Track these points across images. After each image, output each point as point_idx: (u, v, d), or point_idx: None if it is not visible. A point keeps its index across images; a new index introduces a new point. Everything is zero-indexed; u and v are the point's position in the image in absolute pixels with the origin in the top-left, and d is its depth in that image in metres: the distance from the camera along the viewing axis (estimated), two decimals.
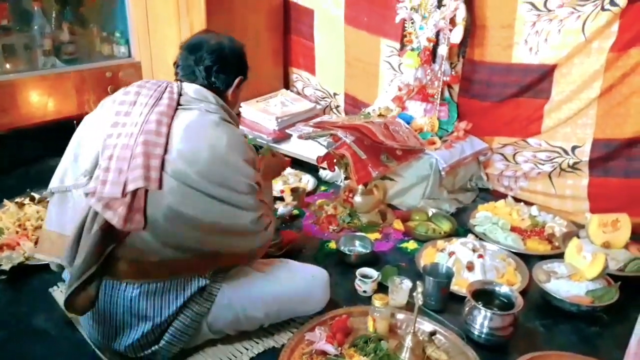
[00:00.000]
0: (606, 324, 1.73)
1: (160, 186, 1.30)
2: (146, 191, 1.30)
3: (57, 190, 1.48)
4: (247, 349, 1.54)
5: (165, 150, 1.32)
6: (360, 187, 2.28)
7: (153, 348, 1.42)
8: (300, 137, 2.26)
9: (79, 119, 2.73)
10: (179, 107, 1.41)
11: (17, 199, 2.32)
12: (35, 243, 1.96)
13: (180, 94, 1.44)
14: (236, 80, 1.54)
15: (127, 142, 1.33)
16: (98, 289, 1.37)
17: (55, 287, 1.80)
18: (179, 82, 1.49)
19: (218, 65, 1.48)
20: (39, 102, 2.87)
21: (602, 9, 2.16)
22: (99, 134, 1.40)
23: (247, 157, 1.42)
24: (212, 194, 1.35)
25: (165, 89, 1.44)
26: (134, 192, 1.29)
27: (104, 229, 1.30)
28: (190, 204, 1.33)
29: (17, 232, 2.05)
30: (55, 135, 2.87)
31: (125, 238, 1.33)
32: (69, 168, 1.46)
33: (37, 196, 2.35)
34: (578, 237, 2.06)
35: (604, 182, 2.38)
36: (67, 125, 2.76)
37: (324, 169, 2.70)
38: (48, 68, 2.92)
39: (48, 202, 2.27)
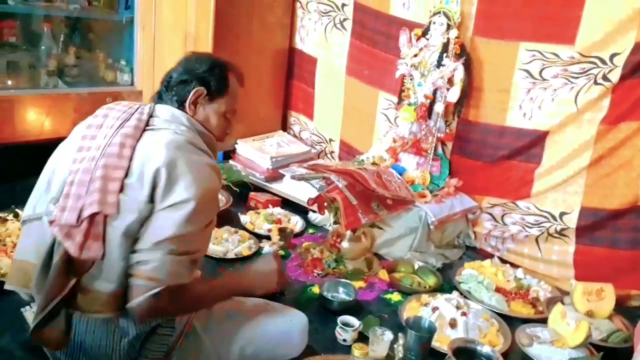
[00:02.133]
0: None
1: (117, 211, 1.21)
2: (106, 217, 1.22)
3: (27, 218, 1.37)
4: None
5: (127, 174, 1.24)
6: (349, 232, 2.27)
7: None
8: (293, 177, 2.27)
9: None
10: (147, 128, 1.32)
11: (0, 214, 2.27)
12: None
13: (151, 116, 1.35)
14: (193, 92, 1.36)
15: (88, 166, 1.26)
16: (70, 323, 1.29)
17: (27, 307, 1.73)
18: (150, 104, 1.40)
19: (177, 73, 1.39)
20: (36, 120, 2.87)
21: (595, 82, 2.26)
22: (67, 159, 1.33)
23: (200, 197, 1.23)
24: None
25: (136, 110, 1.35)
26: (92, 219, 1.21)
27: (65, 259, 1.23)
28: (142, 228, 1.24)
29: None
30: (49, 154, 2.88)
31: (91, 268, 1.24)
32: (42, 195, 1.37)
33: (21, 213, 2.31)
34: (562, 303, 2.05)
35: (590, 250, 2.40)
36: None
37: (314, 211, 2.70)
38: (50, 88, 2.94)
39: None
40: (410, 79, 2.69)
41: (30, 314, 1.69)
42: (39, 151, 2.80)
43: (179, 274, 1.25)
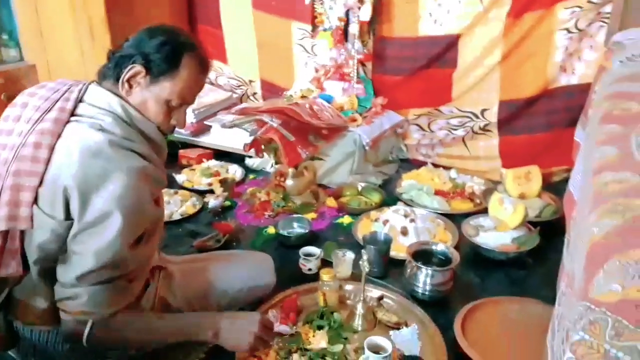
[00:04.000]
0: (532, 267, 1.89)
1: (32, 224, 1.07)
2: (22, 232, 1.09)
3: None
4: (201, 344, 1.50)
5: (42, 181, 1.06)
6: (291, 170, 2.28)
7: None
8: (223, 126, 2.21)
9: None
10: (72, 118, 1.12)
11: None
12: None
13: (80, 101, 1.16)
14: (127, 68, 1.13)
15: (0, 171, 1.09)
16: (11, 329, 1.23)
17: None
18: (84, 84, 1.19)
19: (126, 46, 1.17)
20: None
21: None
22: None
23: (122, 209, 1.05)
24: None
25: (61, 96, 1.15)
26: (5, 235, 1.07)
27: None
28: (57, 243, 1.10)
29: None
30: None
31: (21, 281, 1.16)
32: None
33: None
34: (497, 192, 2.22)
35: (512, 139, 2.59)
36: None
37: (250, 156, 2.68)
38: None
39: None
40: (321, 4, 2.65)
41: None
42: None
43: (113, 302, 1.14)
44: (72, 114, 1.13)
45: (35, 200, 1.07)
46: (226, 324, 1.24)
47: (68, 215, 1.07)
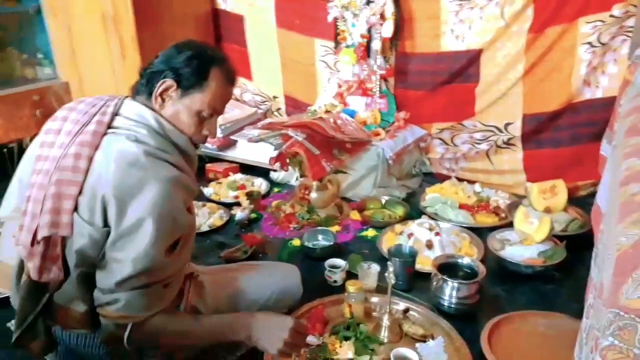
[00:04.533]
0: (559, 281, 1.88)
1: (72, 232, 1.12)
2: (63, 237, 1.14)
3: (1, 219, 1.32)
4: (229, 353, 1.53)
5: (81, 190, 1.12)
6: (315, 183, 2.32)
7: None
8: (250, 140, 2.27)
9: (7, 146, 2.61)
10: (109, 130, 1.18)
11: None
12: None
13: (116, 114, 1.21)
14: (159, 83, 1.19)
15: (42, 181, 1.15)
16: (50, 334, 1.28)
17: (13, 321, 1.70)
18: (119, 99, 1.25)
19: (157, 62, 1.23)
20: None
21: None
22: (29, 168, 1.23)
23: (157, 216, 1.10)
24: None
25: (99, 111, 1.21)
26: (47, 241, 1.13)
27: (32, 278, 1.18)
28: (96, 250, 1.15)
29: None
30: None
31: (63, 284, 1.20)
32: (12, 195, 1.31)
33: None
34: (523, 205, 2.22)
35: (536, 153, 2.58)
36: None
37: (275, 170, 2.73)
38: None
39: None
40: (343, 21, 2.70)
41: None
42: None
43: (149, 306, 1.18)
44: (109, 126, 1.19)
45: (75, 209, 1.12)
46: (259, 325, 1.27)
47: (106, 223, 1.12)
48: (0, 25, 3.04)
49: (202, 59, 1.22)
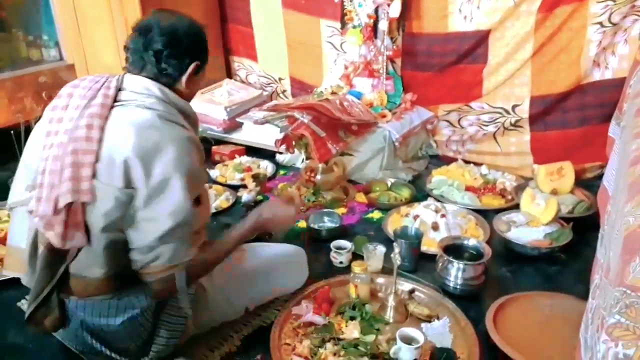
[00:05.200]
0: (564, 262, 1.88)
1: (93, 197, 1.18)
2: (84, 204, 1.20)
3: (13, 204, 1.36)
4: (236, 332, 1.55)
5: (98, 157, 1.19)
6: (321, 165, 2.32)
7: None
8: (256, 122, 2.26)
9: (15, 128, 2.61)
10: (116, 104, 1.26)
11: None
12: None
13: (120, 89, 1.28)
14: (191, 66, 1.34)
15: (57, 152, 1.21)
16: (64, 308, 1.31)
17: (23, 300, 1.73)
18: (119, 75, 1.32)
19: (169, 48, 1.29)
20: None
21: None
22: (38, 145, 1.29)
23: (181, 172, 1.21)
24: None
25: (102, 85, 1.28)
26: (69, 208, 1.18)
27: (49, 248, 1.23)
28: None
29: None
30: None
31: (79, 253, 1.25)
32: (21, 182, 1.34)
33: None
34: (529, 187, 2.21)
35: (544, 135, 2.55)
36: (3, 137, 2.62)
37: (281, 153, 2.73)
38: None
39: None
40: (350, 1, 2.67)
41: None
42: None
43: (190, 250, 1.30)
44: (115, 100, 1.26)
45: (94, 175, 1.19)
46: (272, 215, 1.53)
47: (128, 184, 1.19)
48: (6, 7, 3.03)
49: (202, 34, 1.39)
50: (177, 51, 1.31)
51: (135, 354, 1.38)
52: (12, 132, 2.60)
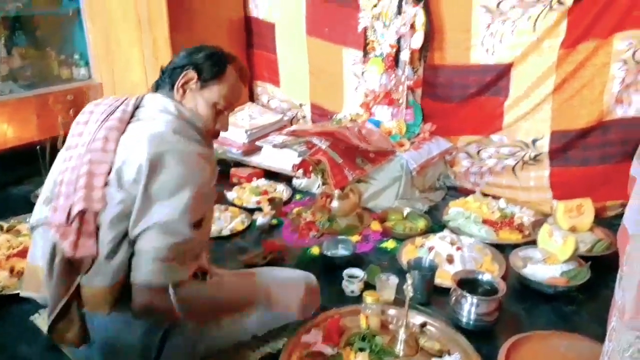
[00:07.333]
0: (581, 302, 1.83)
1: (105, 206, 1.22)
2: (96, 214, 1.23)
3: (35, 224, 1.37)
4: (243, 359, 1.54)
5: (111, 168, 1.23)
6: (337, 191, 2.32)
7: None
8: (275, 146, 2.28)
9: (42, 144, 2.69)
10: (132, 120, 1.31)
11: None
12: (10, 273, 1.91)
13: (138, 107, 1.35)
14: (182, 74, 1.34)
15: (75, 164, 1.26)
16: (83, 320, 1.31)
17: (36, 315, 1.75)
18: (140, 95, 1.39)
19: (178, 59, 1.37)
20: None
21: (551, 8, 2.32)
22: (59, 160, 1.35)
23: (190, 186, 1.22)
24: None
25: (122, 103, 1.35)
26: (82, 217, 1.21)
27: (65, 259, 1.24)
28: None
29: None
30: (17, 162, 2.80)
31: (92, 266, 1.26)
32: (43, 199, 1.37)
33: (5, 225, 2.26)
34: (547, 223, 2.17)
35: (564, 171, 2.52)
36: (29, 152, 2.69)
37: (298, 177, 2.74)
38: (6, 94, 2.84)
39: (18, 231, 2.22)
40: (373, 31, 2.71)
41: (41, 320, 1.71)
42: (8, 160, 2.76)
43: (180, 274, 1.28)
44: (133, 116, 1.32)
45: (106, 184, 1.23)
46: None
47: (135, 192, 1.21)
48: (40, 27, 3.15)
49: (220, 56, 1.39)
50: (181, 61, 1.37)
51: None
52: (38, 147, 2.68)
